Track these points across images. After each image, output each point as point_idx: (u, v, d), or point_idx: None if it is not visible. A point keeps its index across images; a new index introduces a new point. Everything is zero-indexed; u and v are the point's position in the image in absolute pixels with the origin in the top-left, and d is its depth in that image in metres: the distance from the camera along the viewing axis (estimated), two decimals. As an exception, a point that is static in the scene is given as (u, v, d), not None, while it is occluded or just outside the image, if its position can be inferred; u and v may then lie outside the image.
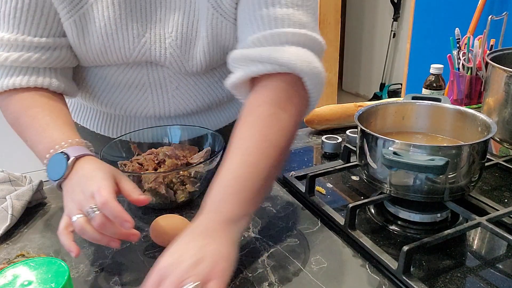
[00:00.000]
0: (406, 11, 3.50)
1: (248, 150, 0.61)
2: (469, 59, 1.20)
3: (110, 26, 0.74)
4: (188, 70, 0.81)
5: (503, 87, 0.86)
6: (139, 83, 0.83)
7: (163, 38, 0.77)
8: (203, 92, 0.87)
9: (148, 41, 0.77)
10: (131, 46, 0.77)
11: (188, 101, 0.87)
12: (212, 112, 0.94)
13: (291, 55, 0.63)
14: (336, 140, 0.94)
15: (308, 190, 0.77)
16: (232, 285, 0.58)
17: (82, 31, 0.75)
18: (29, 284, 0.46)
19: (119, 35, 0.75)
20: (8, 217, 0.70)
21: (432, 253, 0.63)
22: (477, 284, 0.58)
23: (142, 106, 0.85)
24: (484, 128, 0.70)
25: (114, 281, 0.60)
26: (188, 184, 0.74)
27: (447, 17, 2.00)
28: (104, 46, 0.76)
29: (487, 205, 0.71)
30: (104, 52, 0.77)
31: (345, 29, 4.01)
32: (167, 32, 0.77)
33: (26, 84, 0.73)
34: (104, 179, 0.60)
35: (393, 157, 0.61)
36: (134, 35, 0.76)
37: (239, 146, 0.62)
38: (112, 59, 0.78)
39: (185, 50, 0.78)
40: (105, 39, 0.75)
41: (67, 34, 0.76)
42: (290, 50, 0.64)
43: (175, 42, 0.77)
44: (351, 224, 0.67)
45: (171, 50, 0.78)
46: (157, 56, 0.78)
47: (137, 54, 0.78)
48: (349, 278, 0.60)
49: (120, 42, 0.76)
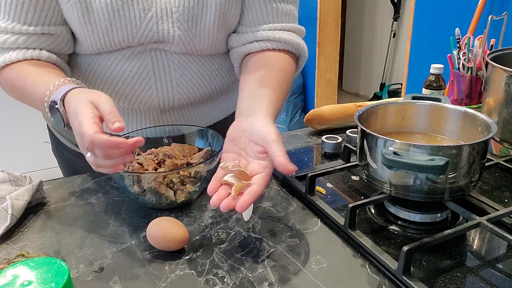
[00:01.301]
0: (406, 11, 3.50)
1: (276, 80, 0.80)
2: (469, 59, 1.20)
3: (116, 1, 0.76)
4: (196, 45, 0.84)
5: (503, 87, 0.86)
6: (143, 72, 0.84)
7: (169, 13, 0.78)
8: (205, 79, 0.90)
9: (155, 15, 0.78)
10: (138, 22, 0.78)
11: (192, 89, 0.89)
12: (213, 102, 0.96)
13: (300, 41, 0.89)
14: (336, 140, 0.94)
15: (308, 190, 0.77)
16: (232, 285, 0.59)
17: (87, 9, 0.76)
18: (29, 284, 0.46)
19: (125, 11, 0.76)
20: (8, 217, 0.70)
21: (432, 253, 0.63)
22: (477, 284, 0.58)
23: (146, 96, 0.86)
24: (484, 128, 0.70)
25: (114, 281, 0.60)
26: (188, 184, 0.74)
27: (447, 17, 2.00)
28: (110, 23, 0.77)
29: (487, 205, 0.71)
30: (110, 30, 0.78)
31: (345, 29, 4.01)
32: (174, 6, 0.78)
33: (16, 58, 0.77)
34: (83, 113, 0.62)
35: (393, 157, 0.61)
36: (140, 10, 0.77)
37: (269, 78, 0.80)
38: (117, 38, 0.79)
39: (192, 25, 0.81)
40: (111, 16, 0.76)
41: (70, 16, 0.78)
42: (297, 39, 0.88)
43: (182, 16, 0.79)
44: (351, 224, 0.67)
45: (179, 24, 0.79)
46: (165, 31, 0.80)
47: (143, 30, 0.79)
48: (349, 278, 0.60)
49: (127, 18, 0.77)
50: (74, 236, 0.70)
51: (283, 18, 0.87)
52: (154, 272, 0.62)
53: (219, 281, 0.59)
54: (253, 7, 0.85)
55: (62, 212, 0.77)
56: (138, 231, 0.71)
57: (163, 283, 0.59)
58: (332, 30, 3.08)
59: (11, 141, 2.72)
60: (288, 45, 0.86)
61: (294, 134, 1.07)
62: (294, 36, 0.88)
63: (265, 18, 0.86)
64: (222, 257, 0.64)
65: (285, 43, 0.86)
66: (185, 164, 0.78)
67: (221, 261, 0.63)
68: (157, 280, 0.60)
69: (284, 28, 0.87)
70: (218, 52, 0.89)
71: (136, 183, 0.72)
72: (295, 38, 0.87)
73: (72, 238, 0.70)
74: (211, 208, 0.76)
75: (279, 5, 0.86)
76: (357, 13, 3.94)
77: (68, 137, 0.98)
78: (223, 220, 0.73)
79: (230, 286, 0.58)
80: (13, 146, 2.72)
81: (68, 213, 0.76)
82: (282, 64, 0.85)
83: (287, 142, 1.02)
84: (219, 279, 0.60)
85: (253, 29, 0.86)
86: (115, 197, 0.80)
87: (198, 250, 0.66)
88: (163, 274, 0.61)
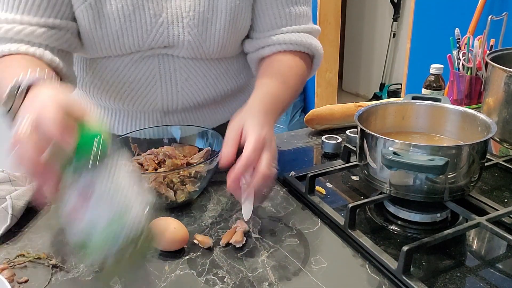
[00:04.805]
0: (406, 11, 3.50)
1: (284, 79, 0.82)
2: (469, 59, 1.20)
3: (127, 7, 0.75)
4: (205, 50, 0.84)
5: (503, 87, 0.86)
6: (149, 75, 0.84)
7: (180, 18, 0.78)
8: (210, 84, 0.90)
9: (165, 21, 0.78)
10: (148, 27, 0.78)
11: (196, 93, 0.89)
12: (217, 106, 0.96)
13: (313, 40, 0.90)
14: (336, 140, 0.94)
15: (308, 190, 0.77)
16: (232, 285, 0.59)
17: (98, 14, 0.75)
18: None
19: (136, 16, 0.76)
20: (8, 217, 0.70)
21: (432, 253, 0.63)
22: (477, 284, 0.58)
23: (151, 99, 0.86)
24: (484, 128, 0.71)
25: (114, 280, 0.60)
26: (188, 184, 0.74)
27: (447, 17, 2.00)
28: (121, 28, 0.77)
29: (487, 205, 0.71)
30: (121, 36, 0.77)
31: (345, 29, 4.01)
32: (185, 12, 0.78)
33: (16, 51, 0.71)
34: (50, 98, 0.51)
35: (393, 157, 0.61)
36: (151, 15, 0.77)
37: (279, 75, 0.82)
38: (128, 43, 0.79)
39: (202, 30, 0.81)
40: (122, 21, 0.76)
41: (81, 20, 0.77)
42: (308, 39, 0.89)
43: (193, 21, 0.79)
44: (351, 224, 0.67)
45: (189, 30, 0.79)
46: (175, 36, 0.80)
47: (154, 35, 0.79)
48: (349, 278, 0.60)
49: (138, 23, 0.77)
50: (74, 236, 0.70)
51: (297, 20, 0.88)
52: (154, 272, 0.62)
53: (219, 281, 0.59)
54: (266, 13, 0.86)
55: (62, 212, 0.77)
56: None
57: (163, 283, 0.59)
58: (332, 30, 3.08)
59: (11, 141, 2.71)
60: (299, 46, 0.87)
61: (294, 134, 1.07)
62: (306, 36, 0.88)
63: (279, 23, 0.86)
64: (222, 257, 0.64)
65: (296, 44, 0.87)
66: (185, 164, 0.78)
67: (221, 261, 0.63)
68: (157, 280, 0.60)
69: (298, 30, 0.87)
70: (225, 57, 0.89)
71: (136, 183, 0.72)
72: (307, 38, 0.88)
73: (72, 238, 0.70)
74: (211, 208, 0.76)
75: (292, 8, 0.86)
76: (357, 13, 3.94)
77: None
78: (223, 220, 0.73)
79: (230, 286, 0.59)
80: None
81: (68, 213, 0.76)
82: (289, 62, 0.86)
83: (287, 142, 1.02)
84: (219, 279, 0.60)
85: (266, 34, 0.87)
86: (115, 197, 0.80)
87: (198, 250, 0.66)
88: (163, 274, 0.61)
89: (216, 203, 0.78)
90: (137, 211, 0.43)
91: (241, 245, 0.65)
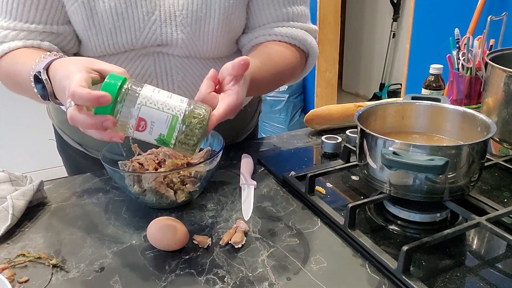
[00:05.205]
0: (406, 11, 3.50)
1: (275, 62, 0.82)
2: (469, 59, 1.20)
3: (120, 4, 0.76)
4: (199, 49, 0.83)
5: (503, 87, 0.86)
6: (145, 74, 0.84)
7: (173, 16, 0.79)
8: None
9: (158, 19, 0.78)
10: (141, 25, 0.78)
11: (193, 92, 0.89)
12: None
13: (308, 37, 0.89)
14: (336, 140, 0.95)
15: (308, 190, 0.77)
16: (232, 285, 0.59)
17: (91, 11, 0.76)
18: None
19: (129, 14, 0.77)
20: (9, 217, 0.71)
21: (431, 252, 0.63)
22: (477, 283, 0.58)
23: None
24: (484, 128, 0.71)
25: (114, 281, 0.60)
26: (188, 183, 0.74)
27: (446, 17, 2.00)
28: (114, 26, 0.77)
29: (486, 205, 0.71)
30: (114, 33, 0.78)
31: (345, 29, 4.01)
32: (178, 10, 0.79)
33: (15, 46, 0.76)
34: (75, 73, 0.59)
35: (393, 157, 0.61)
36: (143, 13, 0.78)
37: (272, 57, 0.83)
38: (121, 40, 0.79)
39: (196, 29, 0.81)
40: (115, 18, 0.76)
41: (74, 19, 0.78)
42: (304, 35, 0.88)
43: (186, 20, 0.79)
44: (351, 224, 0.67)
45: (182, 28, 0.80)
46: (168, 35, 0.80)
47: (147, 33, 0.79)
48: (349, 277, 0.60)
49: (130, 21, 0.77)
50: (75, 235, 0.70)
51: (294, 18, 0.88)
52: (154, 271, 0.62)
53: (219, 280, 0.60)
54: (262, 13, 0.86)
55: (62, 212, 0.77)
56: (139, 231, 0.71)
57: (163, 283, 0.59)
58: (332, 30, 3.08)
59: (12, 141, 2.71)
60: (294, 40, 0.87)
61: (294, 134, 1.07)
62: (302, 32, 0.88)
63: (275, 20, 0.86)
64: (222, 256, 0.64)
65: (291, 38, 0.86)
66: (185, 164, 0.78)
67: (221, 260, 0.63)
68: (157, 280, 0.60)
69: (294, 26, 0.87)
70: (221, 56, 0.89)
71: (137, 183, 0.72)
72: (302, 34, 0.88)
73: (73, 237, 0.70)
74: (211, 208, 0.76)
75: (289, 8, 0.86)
76: (357, 13, 3.95)
77: (72, 136, 0.98)
78: (223, 220, 0.73)
79: (230, 285, 0.59)
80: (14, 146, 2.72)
81: (68, 213, 0.76)
82: (280, 49, 0.85)
83: (287, 142, 1.03)
84: (219, 279, 0.60)
85: (261, 28, 0.87)
86: (115, 197, 0.81)
87: (198, 250, 0.66)
88: (163, 274, 0.61)
89: (216, 203, 0.78)
90: (179, 105, 0.58)
91: (240, 245, 0.66)
